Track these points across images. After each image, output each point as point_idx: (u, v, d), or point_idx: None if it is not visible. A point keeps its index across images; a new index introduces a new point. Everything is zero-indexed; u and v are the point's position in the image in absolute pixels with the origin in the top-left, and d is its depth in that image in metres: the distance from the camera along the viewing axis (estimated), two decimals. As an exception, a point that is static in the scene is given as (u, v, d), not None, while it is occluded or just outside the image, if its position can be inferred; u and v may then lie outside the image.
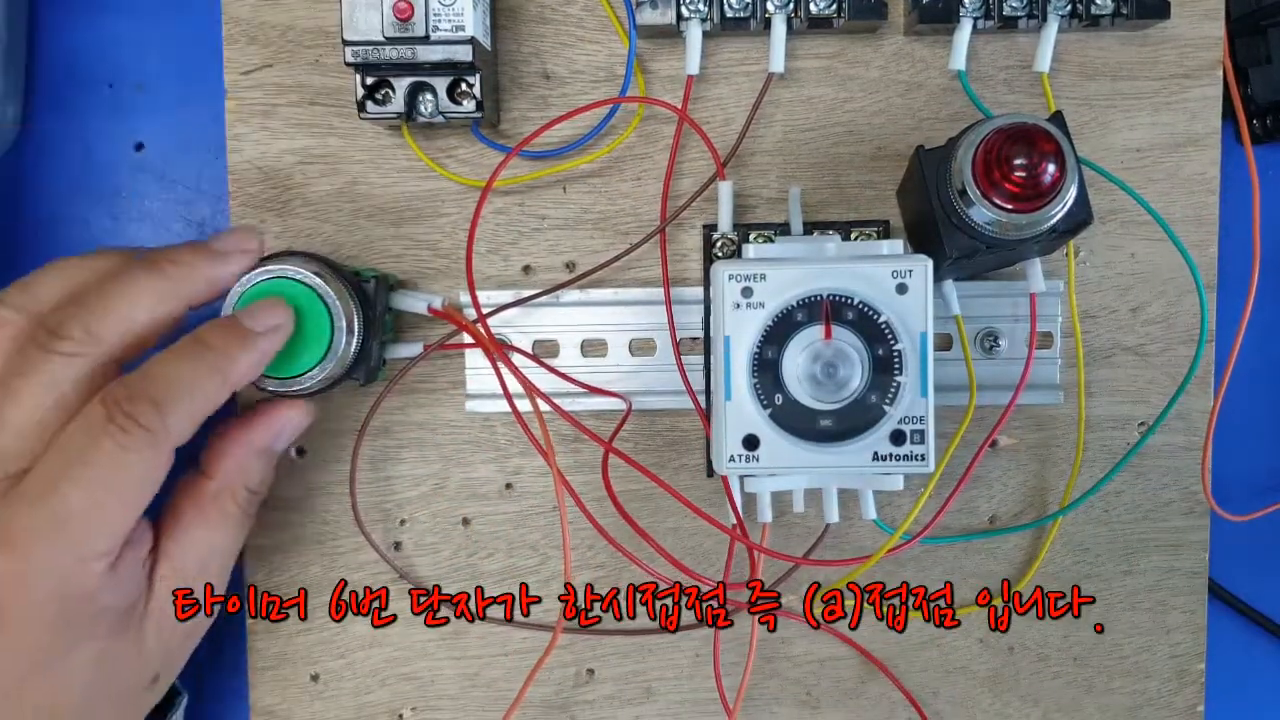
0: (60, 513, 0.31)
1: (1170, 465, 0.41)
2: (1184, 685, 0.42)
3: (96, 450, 0.31)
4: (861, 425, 0.34)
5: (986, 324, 0.40)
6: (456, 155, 0.41)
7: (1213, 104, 0.40)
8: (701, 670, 0.42)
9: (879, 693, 0.42)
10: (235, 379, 0.33)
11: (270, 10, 0.40)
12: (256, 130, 0.41)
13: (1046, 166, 0.32)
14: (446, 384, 0.41)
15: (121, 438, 0.31)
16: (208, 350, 0.33)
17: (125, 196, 0.43)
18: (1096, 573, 0.41)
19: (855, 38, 0.40)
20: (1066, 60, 0.40)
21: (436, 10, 0.36)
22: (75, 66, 0.42)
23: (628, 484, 0.41)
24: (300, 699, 0.42)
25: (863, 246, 0.38)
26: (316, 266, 0.36)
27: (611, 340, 0.41)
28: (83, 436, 0.31)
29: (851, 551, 0.41)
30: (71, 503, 0.31)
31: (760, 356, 0.33)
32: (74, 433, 0.31)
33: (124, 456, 0.31)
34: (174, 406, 0.32)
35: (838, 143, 0.40)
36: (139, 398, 0.31)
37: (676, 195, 0.40)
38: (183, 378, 0.32)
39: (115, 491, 0.31)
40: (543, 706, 0.42)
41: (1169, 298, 0.41)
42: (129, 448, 0.31)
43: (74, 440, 0.31)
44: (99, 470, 0.31)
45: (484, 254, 0.41)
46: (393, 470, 0.41)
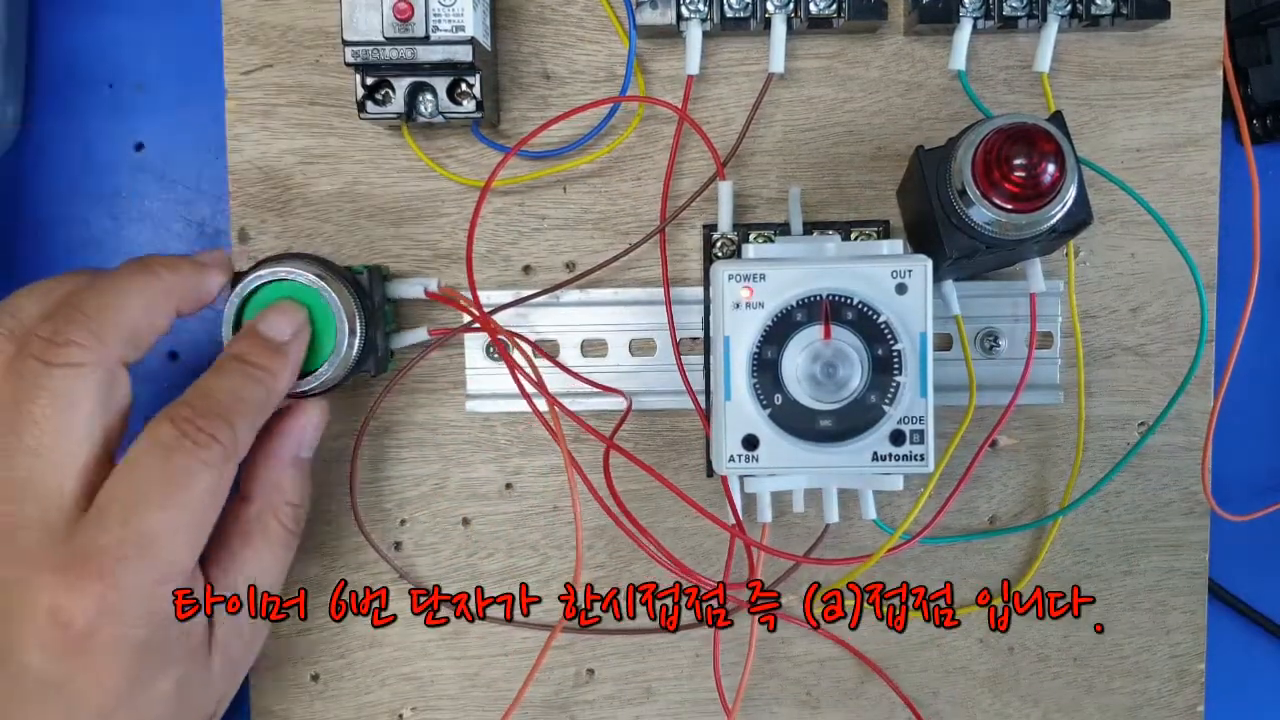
0: (146, 533, 0.30)
1: (1170, 465, 0.41)
2: (1184, 685, 0.42)
3: (172, 468, 0.31)
4: (861, 425, 0.34)
5: (986, 324, 0.40)
6: (456, 155, 0.41)
7: (1213, 104, 0.40)
8: (701, 670, 0.42)
9: (879, 693, 0.42)
10: (280, 388, 0.34)
11: (270, 10, 0.40)
12: (256, 130, 0.41)
13: (1046, 166, 0.32)
14: (447, 384, 0.41)
15: (200, 454, 0.31)
16: (248, 365, 0.34)
17: (125, 196, 0.43)
18: (1096, 573, 0.41)
19: (855, 38, 0.40)
20: (1066, 60, 0.40)
21: (436, 10, 0.36)
22: (75, 66, 0.43)
23: (627, 484, 0.41)
24: (300, 699, 0.42)
25: (862, 246, 0.38)
26: (315, 267, 0.36)
27: (611, 340, 0.41)
28: (155, 456, 0.31)
29: (851, 551, 0.41)
30: (155, 522, 0.30)
31: (760, 356, 0.34)
32: (144, 453, 0.31)
33: (202, 473, 0.31)
34: (240, 419, 0.32)
35: (838, 143, 0.40)
36: (208, 414, 0.32)
37: (676, 195, 0.40)
38: (237, 392, 0.33)
39: (193, 509, 0.31)
40: (543, 706, 0.42)
41: (1169, 298, 0.41)
42: (208, 463, 0.31)
43: (146, 460, 0.31)
44: (177, 488, 0.31)
45: (484, 254, 0.41)
46: (393, 470, 0.41)
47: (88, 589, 0.30)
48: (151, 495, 0.31)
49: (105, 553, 0.30)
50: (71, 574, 0.30)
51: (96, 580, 0.30)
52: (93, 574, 0.30)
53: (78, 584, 0.30)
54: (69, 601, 0.29)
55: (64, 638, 0.30)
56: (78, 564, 0.30)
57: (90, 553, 0.30)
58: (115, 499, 0.31)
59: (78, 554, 0.30)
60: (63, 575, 0.30)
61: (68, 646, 0.30)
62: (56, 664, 0.30)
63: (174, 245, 0.43)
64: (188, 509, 0.31)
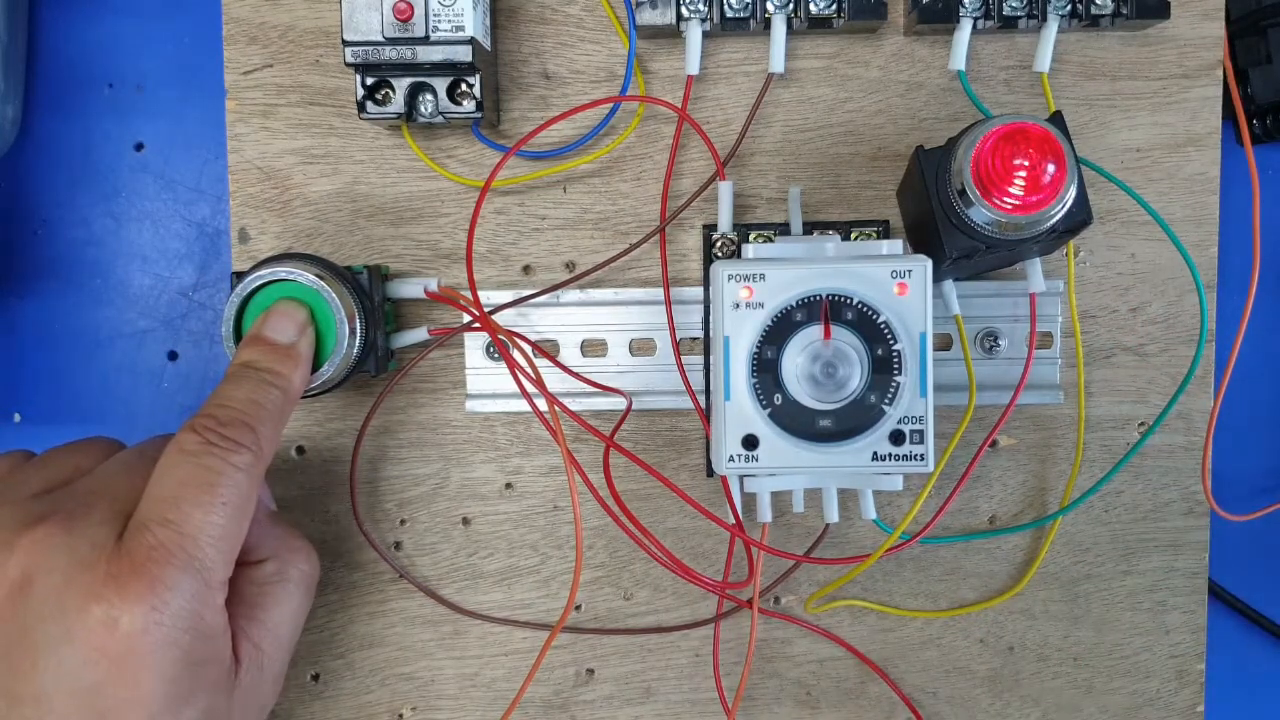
0: (187, 534, 0.30)
1: (1170, 465, 0.41)
2: (1184, 685, 0.42)
3: (205, 471, 0.31)
4: (861, 425, 0.34)
5: (986, 324, 0.40)
6: (456, 155, 0.41)
7: (1213, 104, 0.40)
8: (701, 670, 0.42)
9: (879, 693, 0.42)
10: (295, 388, 0.35)
11: (270, 10, 0.40)
12: (256, 130, 0.41)
13: (1046, 166, 0.32)
14: (447, 384, 0.41)
15: (230, 457, 0.31)
16: (260, 371, 0.34)
17: (125, 196, 0.43)
18: (1096, 573, 0.41)
19: (855, 38, 0.40)
20: (1066, 60, 0.40)
21: (436, 10, 0.36)
22: (75, 66, 0.43)
23: (627, 484, 0.41)
24: (300, 699, 0.42)
25: (862, 246, 0.37)
26: (315, 267, 0.36)
27: (611, 340, 0.41)
28: (186, 462, 0.31)
29: (851, 551, 0.41)
30: (195, 523, 0.31)
31: (760, 356, 0.33)
32: (175, 462, 0.31)
33: (234, 474, 0.31)
34: (261, 424, 0.33)
35: (838, 143, 0.40)
36: (230, 421, 0.32)
37: (676, 195, 0.40)
38: (254, 398, 0.33)
39: (228, 512, 0.31)
40: (543, 706, 0.42)
41: (1169, 298, 0.41)
42: (238, 466, 0.32)
43: (178, 467, 0.31)
44: (212, 490, 0.31)
45: (484, 254, 0.41)
46: (393, 470, 0.41)
47: (132, 590, 0.29)
48: (187, 497, 0.31)
49: (150, 554, 0.30)
50: (118, 577, 0.30)
51: (142, 581, 0.30)
52: (139, 575, 0.30)
53: (124, 586, 0.29)
54: (117, 602, 0.29)
55: (109, 640, 0.29)
56: (124, 566, 0.30)
57: (135, 555, 0.30)
58: (154, 503, 0.31)
59: (124, 556, 0.30)
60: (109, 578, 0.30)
61: (111, 649, 0.29)
62: (95, 669, 0.29)
63: (174, 245, 0.43)
64: (223, 511, 0.31)
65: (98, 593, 0.29)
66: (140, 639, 0.29)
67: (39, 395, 0.43)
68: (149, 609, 0.29)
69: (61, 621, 0.29)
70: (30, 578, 0.30)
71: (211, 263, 0.43)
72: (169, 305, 0.43)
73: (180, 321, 0.41)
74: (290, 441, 0.41)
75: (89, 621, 0.29)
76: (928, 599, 0.41)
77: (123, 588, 0.29)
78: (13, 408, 0.43)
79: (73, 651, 0.29)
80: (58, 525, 0.31)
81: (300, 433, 0.41)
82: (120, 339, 0.43)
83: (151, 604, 0.30)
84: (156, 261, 0.43)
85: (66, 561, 0.30)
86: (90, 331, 0.43)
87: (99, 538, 0.30)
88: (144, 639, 0.29)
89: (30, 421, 0.43)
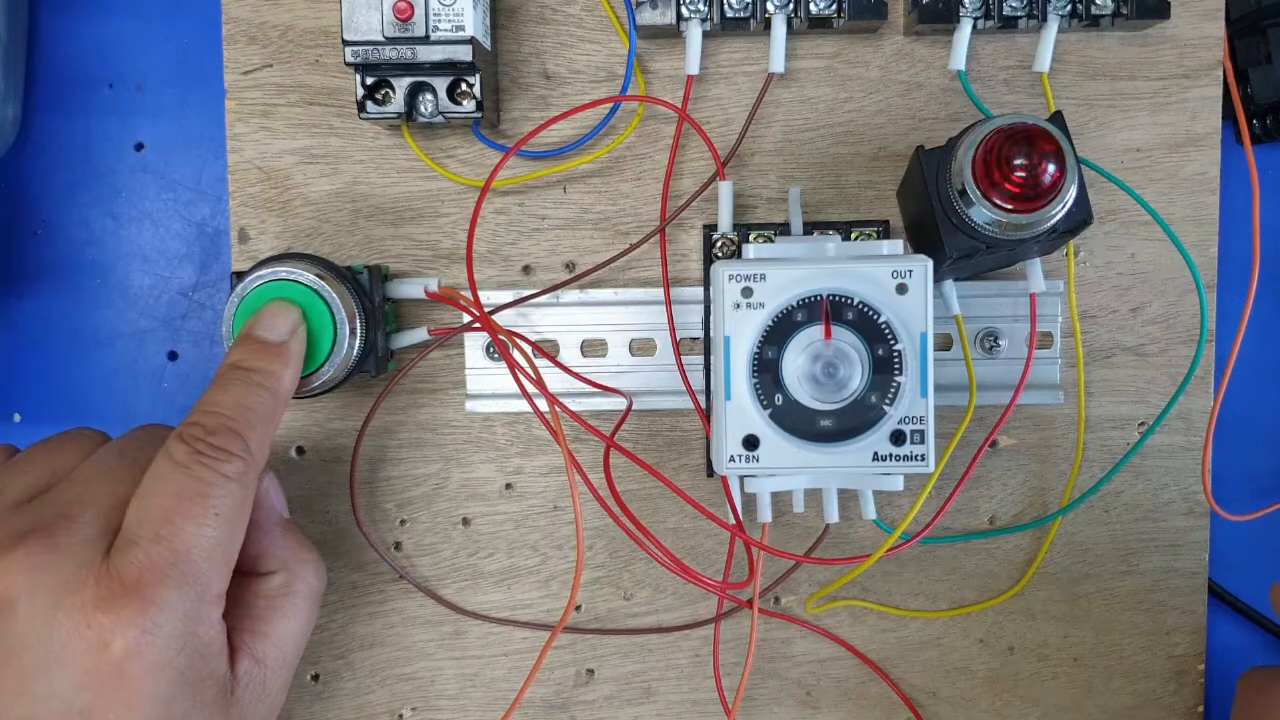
0: (179, 549, 0.30)
1: (1170, 465, 0.41)
2: (1184, 685, 0.42)
3: (196, 482, 0.30)
4: (861, 425, 0.34)
5: (986, 324, 0.40)
6: (456, 155, 0.41)
7: (1213, 104, 0.40)
8: (701, 670, 0.42)
9: (879, 693, 0.42)
10: (285, 389, 0.34)
11: (270, 10, 0.40)
12: (256, 130, 0.41)
13: (1046, 166, 0.32)
14: (447, 384, 0.41)
15: (221, 466, 0.31)
16: (249, 372, 0.33)
17: (125, 196, 0.43)
18: (1096, 573, 0.41)
19: (855, 38, 0.40)
20: (1066, 60, 0.40)
21: (436, 10, 0.36)
22: (75, 66, 0.43)
23: (627, 484, 0.41)
24: (300, 699, 0.42)
25: (863, 246, 0.37)
26: (315, 267, 0.36)
27: (611, 340, 0.41)
28: (176, 475, 0.30)
29: (851, 551, 0.41)
30: (188, 538, 0.30)
31: (760, 356, 0.33)
32: (164, 474, 0.31)
33: (226, 485, 0.31)
34: (251, 430, 0.32)
35: (838, 143, 0.40)
36: (219, 429, 0.31)
37: (676, 195, 0.40)
38: (243, 401, 0.32)
39: (221, 524, 0.31)
40: (543, 706, 0.42)
41: (1169, 298, 0.41)
42: (230, 476, 0.31)
43: (168, 480, 0.31)
44: (203, 503, 0.30)
45: (484, 254, 0.41)
46: (393, 470, 0.41)
47: (124, 612, 0.29)
48: (178, 510, 0.30)
49: (141, 574, 0.29)
50: (109, 599, 0.29)
51: (134, 602, 0.29)
52: (130, 596, 0.29)
53: (115, 608, 0.29)
54: (108, 624, 0.29)
55: (100, 662, 0.29)
56: (114, 588, 0.29)
57: (125, 574, 0.29)
58: (144, 519, 0.30)
59: (114, 576, 0.29)
60: (99, 600, 0.29)
61: (103, 671, 0.29)
62: (86, 692, 0.29)
63: (174, 245, 0.43)
64: (216, 524, 0.30)
65: (88, 616, 0.29)
66: (133, 661, 0.29)
67: (39, 395, 0.43)
68: (141, 631, 0.29)
69: (51, 644, 0.29)
70: (14, 600, 0.29)
71: (211, 263, 0.43)
72: (169, 305, 0.43)
73: (180, 321, 0.41)
74: (290, 441, 0.41)
75: (80, 645, 0.29)
76: (928, 599, 0.41)
77: (114, 610, 0.29)
78: (13, 408, 0.43)
79: (63, 674, 0.29)
80: (40, 543, 0.29)
81: (300, 433, 0.41)
82: (120, 339, 0.43)
83: (144, 626, 0.29)
84: (156, 261, 0.43)
85: (53, 582, 0.29)
86: (90, 331, 0.43)
87: (85, 556, 0.29)
88: (137, 661, 0.29)
89: (30, 421, 0.43)
